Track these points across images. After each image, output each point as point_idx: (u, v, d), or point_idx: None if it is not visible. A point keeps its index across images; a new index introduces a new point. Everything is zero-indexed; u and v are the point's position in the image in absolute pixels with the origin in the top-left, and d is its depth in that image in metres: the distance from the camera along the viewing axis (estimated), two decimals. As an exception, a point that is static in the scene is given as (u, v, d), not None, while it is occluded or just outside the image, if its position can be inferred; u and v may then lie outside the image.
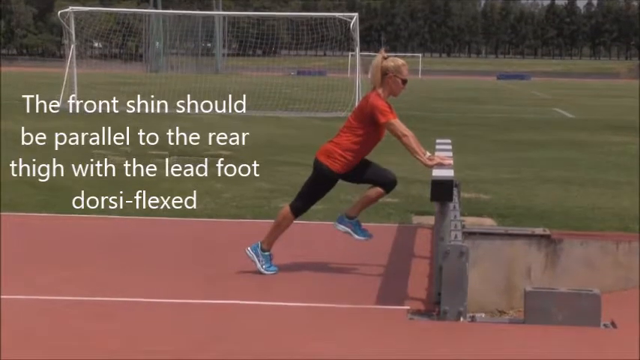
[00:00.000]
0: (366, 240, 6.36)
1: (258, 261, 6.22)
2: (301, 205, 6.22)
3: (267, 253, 6.24)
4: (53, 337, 4.68)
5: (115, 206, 8.98)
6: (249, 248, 6.28)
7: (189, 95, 31.68)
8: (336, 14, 30.62)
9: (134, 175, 11.54)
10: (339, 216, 6.41)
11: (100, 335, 4.73)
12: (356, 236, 6.33)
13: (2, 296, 5.37)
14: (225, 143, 16.10)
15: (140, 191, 9.97)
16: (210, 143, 16.14)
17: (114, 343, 4.61)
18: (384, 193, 6.21)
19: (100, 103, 27.45)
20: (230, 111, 27.59)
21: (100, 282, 5.92)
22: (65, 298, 5.47)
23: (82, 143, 15.73)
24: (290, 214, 6.21)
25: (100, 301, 5.42)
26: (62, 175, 11.37)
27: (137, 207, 8.95)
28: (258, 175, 11.64)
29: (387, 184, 6.16)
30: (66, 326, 4.89)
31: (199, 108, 29.14)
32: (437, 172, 5.74)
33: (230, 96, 30.57)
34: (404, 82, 6.10)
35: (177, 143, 16.07)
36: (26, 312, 5.15)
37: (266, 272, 6.19)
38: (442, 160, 6.06)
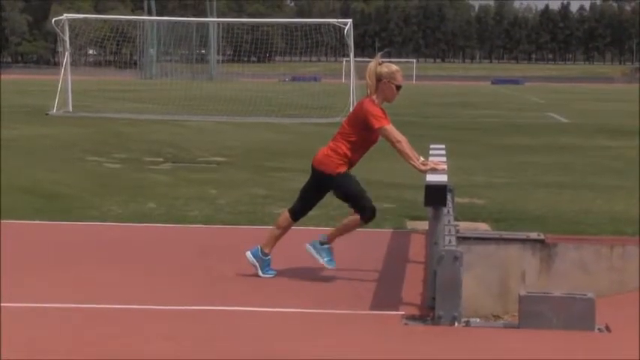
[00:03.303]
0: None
1: (319, 255, 6.22)
2: (366, 204, 6.12)
3: (326, 246, 6.26)
4: (51, 343, 4.68)
5: (112, 212, 8.97)
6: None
7: (183, 102, 31.77)
8: (331, 20, 30.68)
9: (130, 181, 11.55)
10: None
11: (97, 341, 4.73)
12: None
13: (2, 304, 5.36)
14: (219, 149, 16.16)
15: (136, 197, 9.97)
16: (204, 149, 16.19)
17: (111, 349, 4.61)
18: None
19: (95, 109, 27.54)
20: (224, 117, 27.70)
21: (96, 288, 5.91)
22: (63, 305, 5.47)
23: (77, 149, 15.76)
24: (359, 222, 6.16)
25: (96, 308, 5.41)
26: (58, 181, 11.38)
27: (133, 212, 8.94)
28: (252, 181, 11.66)
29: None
30: (64, 333, 4.88)
31: (194, 114, 29.24)
32: (430, 177, 5.75)
33: (224, 102, 30.57)
34: (398, 88, 6.11)
35: (172, 149, 16.11)
36: (24, 319, 5.15)
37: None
38: (436, 165, 6.07)
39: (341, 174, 6.08)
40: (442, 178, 5.76)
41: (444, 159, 6.52)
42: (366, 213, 6.09)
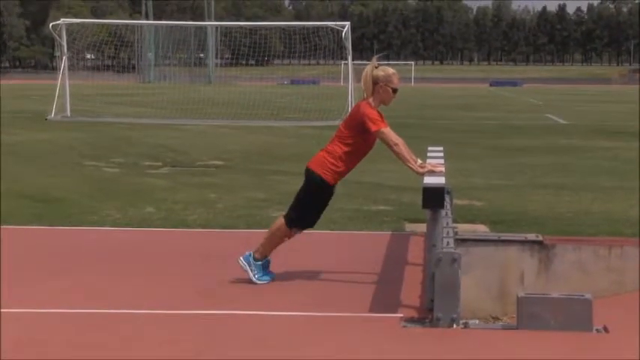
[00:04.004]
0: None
1: (251, 270, 6.23)
2: (295, 216, 6.20)
3: (259, 263, 6.24)
4: (50, 348, 4.69)
5: (111, 217, 8.98)
6: (241, 258, 6.29)
7: (182, 105, 31.80)
8: (329, 23, 30.70)
9: (128, 185, 11.55)
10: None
11: (97, 346, 4.74)
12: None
13: (2, 310, 5.37)
14: (218, 153, 16.17)
15: (135, 201, 9.98)
16: (203, 153, 16.20)
17: (111, 354, 4.62)
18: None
19: (93, 114, 27.55)
20: (223, 121, 27.70)
21: (95, 293, 5.92)
22: (61, 310, 5.47)
23: (76, 154, 15.77)
24: (284, 225, 6.21)
25: (96, 313, 5.42)
26: (56, 186, 11.38)
27: (132, 217, 8.95)
28: (251, 185, 11.67)
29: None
30: (63, 337, 4.89)
31: (192, 118, 29.23)
32: (428, 180, 5.76)
33: (223, 106, 30.53)
34: (394, 91, 6.12)
35: (170, 153, 16.12)
36: (24, 324, 5.15)
37: (258, 282, 6.20)
38: (433, 168, 6.08)
39: (324, 180, 6.08)
40: (440, 181, 5.76)
41: (442, 161, 6.53)
42: (295, 223, 6.17)
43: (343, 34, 26.67)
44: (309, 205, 6.18)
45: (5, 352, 4.59)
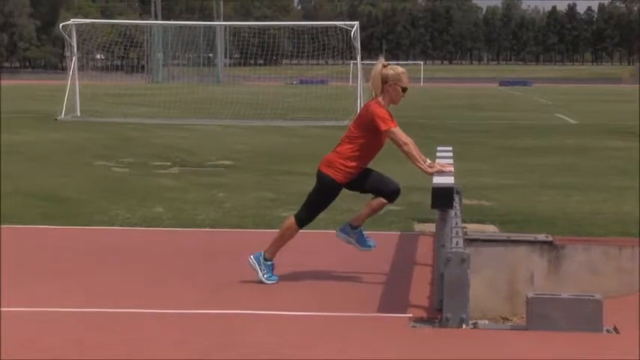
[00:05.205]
0: (369, 250, 6.40)
1: (260, 270, 6.23)
2: (305, 216, 6.23)
3: (269, 263, 6.25)
4: (55, 348, 4.69)
5: (120, 216, 8.99)
6: (251, 257, 6.29)
7: (190, 105, 31.84)
8: (338, 23, 30.67)
9: (138, 185, 11.57)
10: (343, 225, 6.43)
11: (103, 346, 4.74)
12: (359, 246, 6.36)
13: (3, 308, 5.38)
14: (227, 153, 16.18)
15: (144, 201, 9.99)
16: (212, 153, 16.21)
17: (116, 354, 4.62)
18: (387, 204, 6.24)
19: (103, 114, 27.62)
20: (232, 120, 27.74)
21: (102, 293, 5.92)
22: (67, 309, 5.48)
23: (86, 154, 15.80)
24: (295, 224, 6.22)
25: (102, 312, 5.42)
26: (66, 186, 11.40)
27: (142, 217, 8.95)
28: (260, 185, 11.67)
29: (390, 194, 6.18)
30: (68, 337, 4.89)
31: (201, 118, 29.28)
32: (437, 180, 5.74)
33: (232, 105, 30.58)
34: (404, 90, 6.11)
35: (179, 153, 16.14)
36: (27, 324, 5.16)
37: (267, 282, 6.20)
38: (442, 168, 6.06)
39: (335, 181, 6.08)
40: (449, 180, 5.75)
41: (451, 161, 6.51)
42: (306, 223, 6.24)
43: (352, 33, 26.65)
44: (321, 206, 6.21)
45: (9, 352, 4.60)
